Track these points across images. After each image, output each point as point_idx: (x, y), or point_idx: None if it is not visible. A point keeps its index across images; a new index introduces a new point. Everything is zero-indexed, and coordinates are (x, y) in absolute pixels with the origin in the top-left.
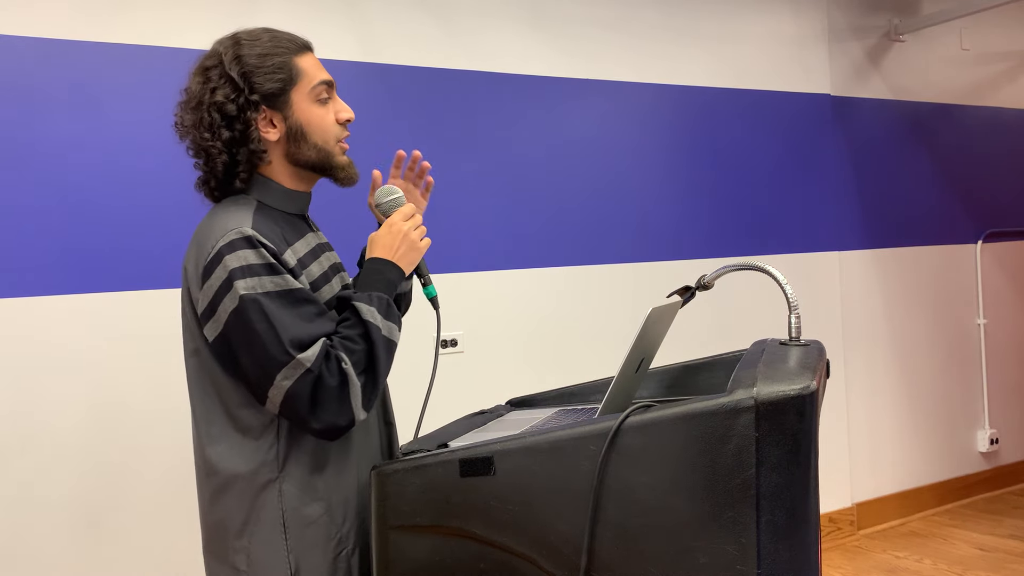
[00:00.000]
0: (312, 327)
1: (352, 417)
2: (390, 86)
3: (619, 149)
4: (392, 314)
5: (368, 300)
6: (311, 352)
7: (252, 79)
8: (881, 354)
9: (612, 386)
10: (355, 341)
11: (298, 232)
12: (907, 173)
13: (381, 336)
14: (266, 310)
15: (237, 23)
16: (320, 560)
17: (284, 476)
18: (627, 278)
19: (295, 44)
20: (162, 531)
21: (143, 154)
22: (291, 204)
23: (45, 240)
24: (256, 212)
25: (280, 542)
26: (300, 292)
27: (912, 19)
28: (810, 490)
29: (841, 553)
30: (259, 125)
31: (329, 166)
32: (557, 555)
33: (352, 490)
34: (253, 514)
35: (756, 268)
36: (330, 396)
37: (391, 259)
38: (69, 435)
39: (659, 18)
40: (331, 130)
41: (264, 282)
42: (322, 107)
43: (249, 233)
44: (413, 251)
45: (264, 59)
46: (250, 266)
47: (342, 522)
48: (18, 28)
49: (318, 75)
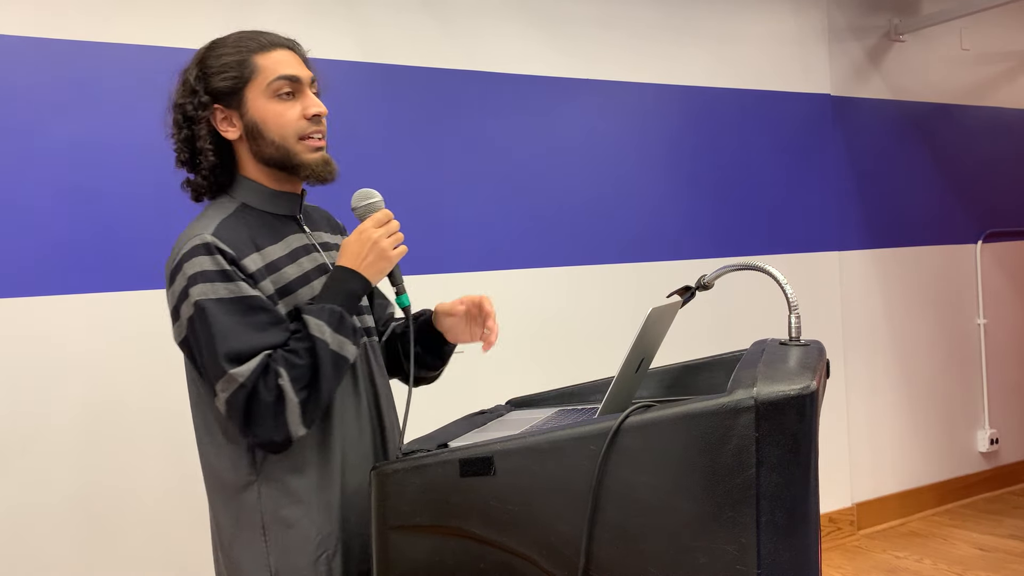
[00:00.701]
0: (257, 338)
1: (288, 434)
2: (390, 86)
3: (619, 149)
4: (345, 327)
5: (319, 313)
6: (246, 367)
7: (207, 80)
8: (881, 354)
9: (612, 386)
10: (300, 355)
11: (278, 234)
12: (907, 173)
13: (328, 351)
14: (212, 319)
15: (237, 23)
16: (300, 563)
17: (263, 478)
18: (627, 278)
19: (260, 42)
20: (162, 530)
21: (143, 154)
22: (276, 205)
23: (45, 240)
24: (231, 216)
25: (260, 545)
26: (253, 300)
27: (912, 19)
28: (810, 490)
29: (841, 553)
30: (218, 124)
31: (290, 164)
32: (557, 555)
33: (335, 493)
34: (236, 516)
35: (756, 268)
36: (265, 412)
37: (356, 268)
38: (68, 435)
39: (659, 18)
40: (289, 126)
41: (217, 288)
42: (281, 103)
43: (208, 240)
44: (382, 260)
45: (220, 59)
46: (204, 272)
47: (323, 525)
48: (18, 28)
49: (278, 70)
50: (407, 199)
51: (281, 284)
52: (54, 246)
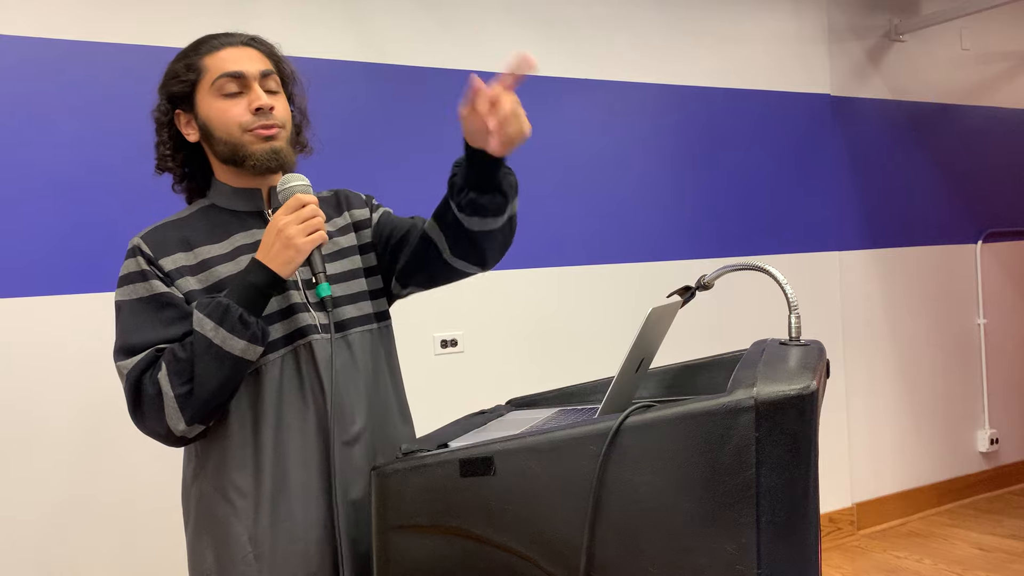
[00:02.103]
0: (154, 333)
1: (168, 428)
2: (390, 86)
3: (619, 148)
4: (228, 320)
5: (204, 307)
6: (131, 360)
7: (167, 86)
8: (881, 354)
9: (612, 386)
10: (184, 349)
11: (226, 233)
12: (907, 173)
13: (207, 344)
14: (120, 316)
15: (237, 23)
16: (231, 559)
17: (202, 475)
18: (627, 278)
19: (211, 44)
20: (160, 531)
21: (143, 154)
22: (240, 202)
23: (45, 240)
24: (184, 218)
25: (204, 539)
26: (163, 297)
27: (912, 19)
28: (810, 490)
29: (841, 553)
30: (182, 128)
31: (239, 158)
32: (557, 555)
33: (266, 492)
34: (188, 510)
35: (756, 268)
36: (149, 405)
37: (263, 259)
38: (67, 435)
39: (659, 18)
40: (232, 121)
41: (131, 289)
42: (227, 100)
43: (135, 243)
44: (289, 249)
45: (175, 64)
46: (127, 275)
47: (253, 522)
48: (18, 28)
49: (221, 68)
50: (406, 199)
51: (212, 282)
52: (52, 246)
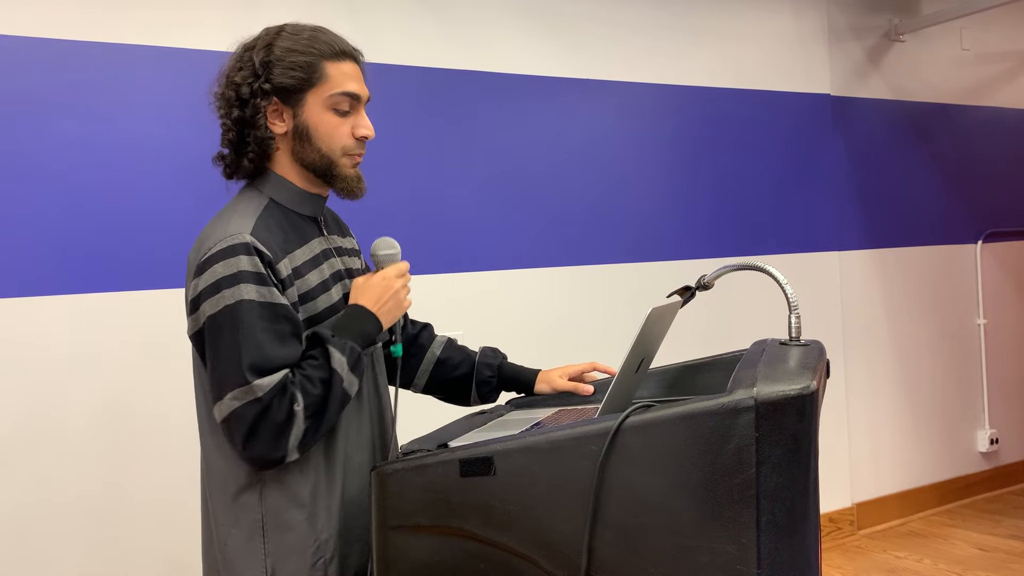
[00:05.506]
0: (279, 351)
1: (284, 454)
2: (390, 86)
3: (619, 148)
4: (358, 368)
5: (342, 348)
6: (267, 380)
7: (271, 69)
8: (881, 354)
9: (612, 386)
10: (315, 384)
11: (303, 237)
12: (907, 173)
13: (341, 388)
14: (240, 323)
15: (238, 23)
16: (297, 567)
17: (266, 480)
18: (627, 278)
19: (333, 48)
20: (169, 531)
21: (143, 154)
22: (304, 206)
23: (46, 240)
24: (263, 214)
25: (259, 546)
26: (281, 308)
27: (912, 19)
28: (810, 490)
29: (841, 553)
30: (268, 114)
31: (331, 174)
32: (557, 555)
33: (336, 499)
34: (234, 515)
35: (756, 268)
36: (270, 429)
37: (375, 311)
38: (73, 436)
39: (659, 18)
40: (340, 140)
41: (251, 291)
42: (337, 117)
43: (248, 240)
44: (397, 309)
45: (290, 54)
46: (242, 272)
47: (322, 530)
48: (18, 28)
49: (343, 85)
50: (406, 199)
51: (303, 291)
52: (55, 246)
